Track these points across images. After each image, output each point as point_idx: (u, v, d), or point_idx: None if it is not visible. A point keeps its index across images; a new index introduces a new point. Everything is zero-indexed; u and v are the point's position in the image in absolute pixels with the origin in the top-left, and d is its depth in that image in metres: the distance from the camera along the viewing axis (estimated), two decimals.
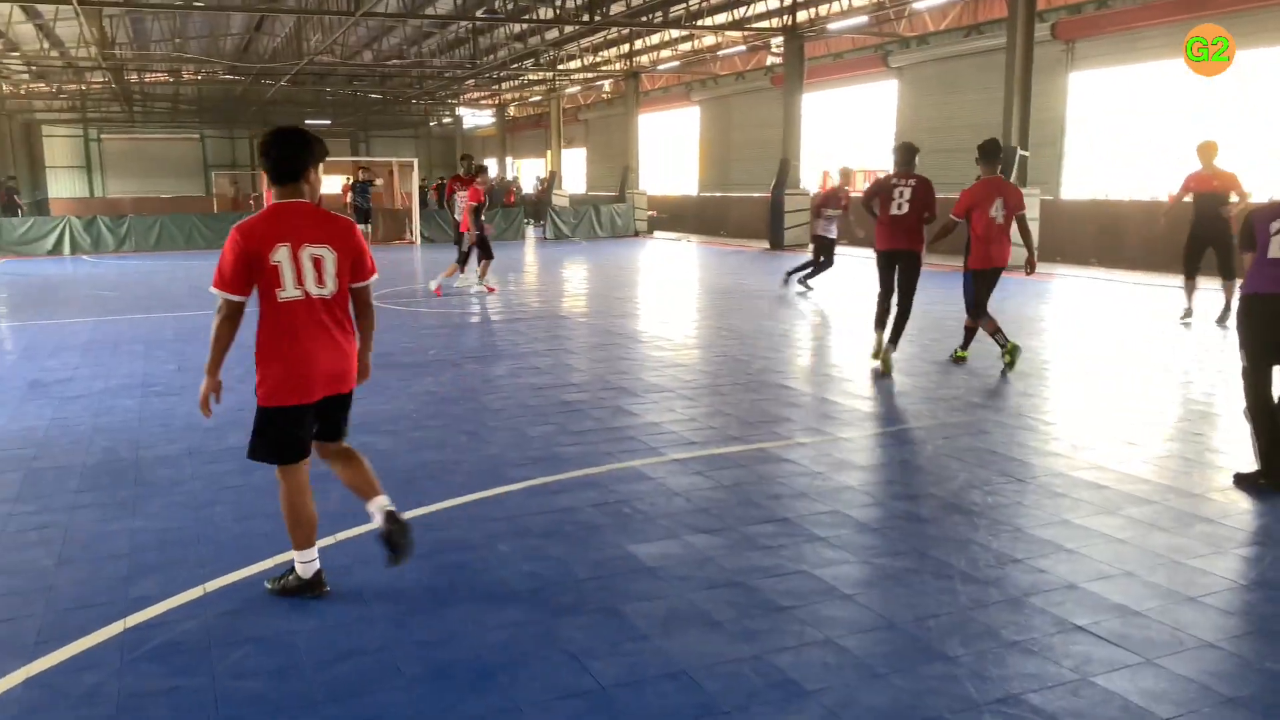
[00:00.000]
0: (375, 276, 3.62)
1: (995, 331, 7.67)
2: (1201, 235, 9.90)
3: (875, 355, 7.83)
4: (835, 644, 3.21)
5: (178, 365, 8.16)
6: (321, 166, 3.52)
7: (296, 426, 3.48)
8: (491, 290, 13.08)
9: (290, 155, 3.39)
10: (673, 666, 3.06)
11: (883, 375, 7.53)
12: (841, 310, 11.06)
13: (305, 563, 3.56)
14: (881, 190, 7.76)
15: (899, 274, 7.71)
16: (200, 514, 4.49)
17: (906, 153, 7.78)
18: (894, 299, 7.78)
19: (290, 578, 3.59)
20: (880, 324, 7.86)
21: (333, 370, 3.48)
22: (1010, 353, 7.63)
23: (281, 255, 3.33)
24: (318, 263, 3.39)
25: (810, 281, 13.18)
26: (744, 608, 3.48)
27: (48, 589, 3.67)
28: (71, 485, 4.94)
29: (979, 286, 7.71)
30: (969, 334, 8.03)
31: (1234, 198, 9.60)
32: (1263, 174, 13.50)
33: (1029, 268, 7.95)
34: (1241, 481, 4.81)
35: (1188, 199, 10.12)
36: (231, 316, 3.38)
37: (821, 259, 13.05)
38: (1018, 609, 3.45)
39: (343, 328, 3.52)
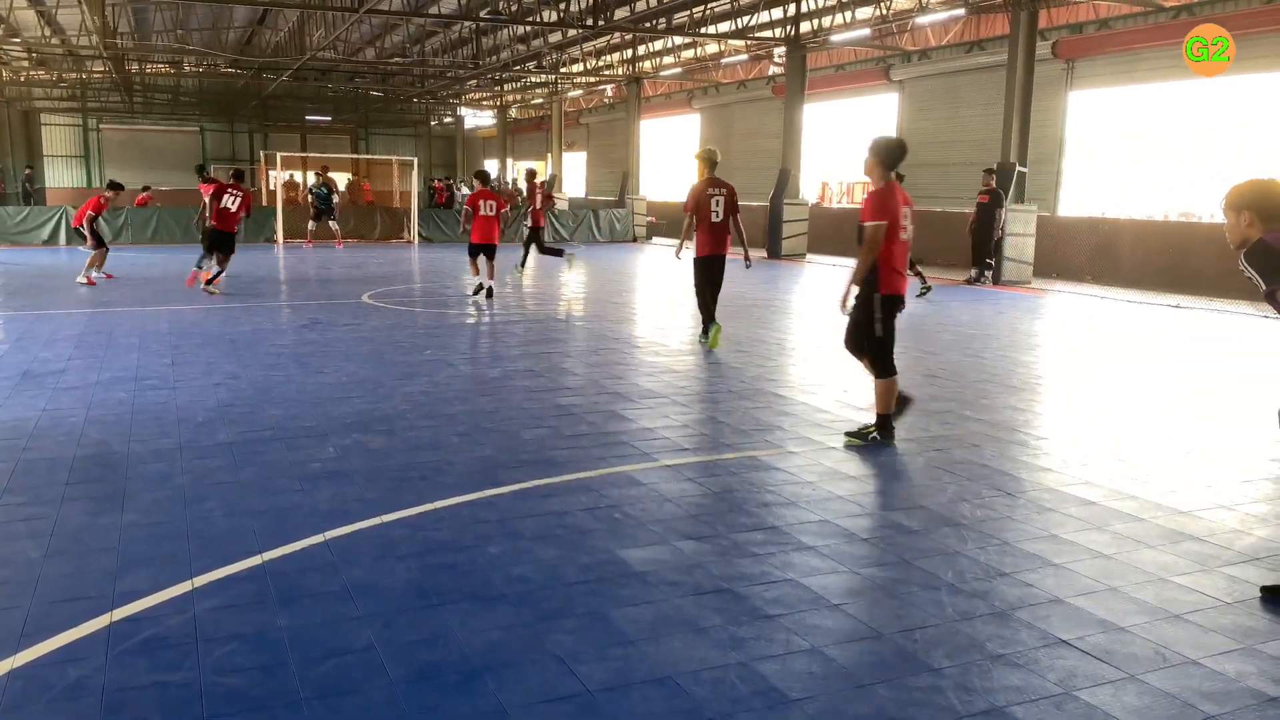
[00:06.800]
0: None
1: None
2: None
3: (706, 337, 9.20)
4: (821, 653, 3.22)
5: (172, 359, 8.15)
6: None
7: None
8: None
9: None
10: (659, 672, 3.07)
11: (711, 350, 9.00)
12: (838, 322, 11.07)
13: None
14: (700, 198, 8.87)
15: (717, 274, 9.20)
16: (190, 509, 4.48)
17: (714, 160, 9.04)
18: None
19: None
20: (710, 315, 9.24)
21: None
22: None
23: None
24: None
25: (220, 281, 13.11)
26: (731, 615, 3.49)
27: (35, 581, 3.66)
28: (62, 477, 4.93)
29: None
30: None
31: None
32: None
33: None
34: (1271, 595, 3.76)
35: None
36: None
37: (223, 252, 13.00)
38: (1004, 622, 3.47)
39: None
